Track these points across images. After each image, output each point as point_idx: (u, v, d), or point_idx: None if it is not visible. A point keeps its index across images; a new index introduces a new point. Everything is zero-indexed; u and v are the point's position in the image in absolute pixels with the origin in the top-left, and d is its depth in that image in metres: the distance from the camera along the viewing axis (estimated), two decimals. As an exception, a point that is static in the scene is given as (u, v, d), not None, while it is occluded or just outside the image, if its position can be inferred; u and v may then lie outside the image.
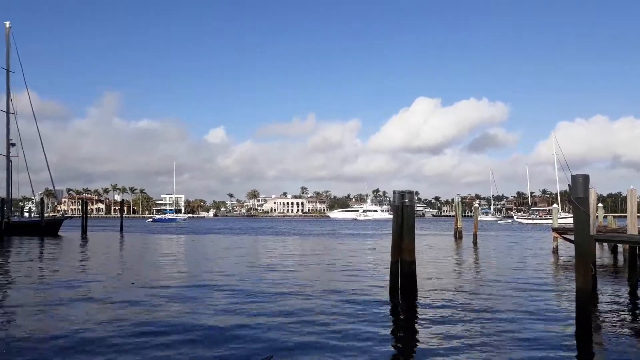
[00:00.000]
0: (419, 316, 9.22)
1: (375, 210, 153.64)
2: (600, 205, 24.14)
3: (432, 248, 27.90)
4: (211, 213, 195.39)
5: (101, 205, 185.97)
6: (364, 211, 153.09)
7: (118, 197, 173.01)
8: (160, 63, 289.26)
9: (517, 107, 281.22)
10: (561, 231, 22.65)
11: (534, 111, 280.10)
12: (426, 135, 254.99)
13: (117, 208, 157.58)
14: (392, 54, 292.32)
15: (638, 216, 16.58)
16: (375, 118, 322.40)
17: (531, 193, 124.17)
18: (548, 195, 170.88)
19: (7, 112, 42.88)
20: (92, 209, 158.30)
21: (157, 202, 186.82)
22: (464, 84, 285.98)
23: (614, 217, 32.25)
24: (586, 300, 7.20)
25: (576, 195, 6.99)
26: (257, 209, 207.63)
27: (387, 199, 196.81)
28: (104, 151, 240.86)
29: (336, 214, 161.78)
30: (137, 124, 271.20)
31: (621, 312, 9.82)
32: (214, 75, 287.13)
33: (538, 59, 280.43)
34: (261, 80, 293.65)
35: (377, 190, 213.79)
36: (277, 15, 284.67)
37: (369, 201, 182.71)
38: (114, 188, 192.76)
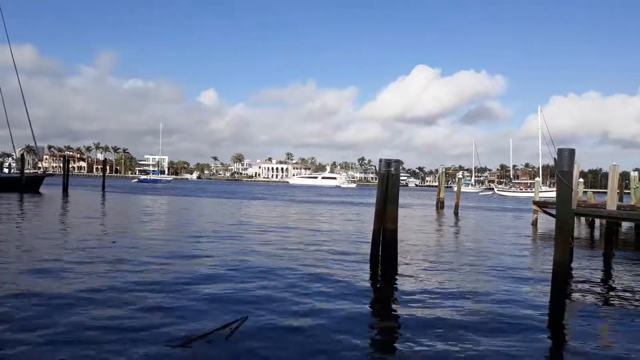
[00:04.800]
0: (398, 286, 9.33)
1: (334, 178, 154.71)
2: (580, 180, 24.46)
3: (413, 218, 28.18)
4: (194, 175, 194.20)
5: (83, 164, 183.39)
6: (322, 178, 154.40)
7: (101, 156, 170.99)
8: (159, 23, 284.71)
9: (514, 81, 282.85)
10: (542, 204, 22.97)
11: (531, 86, 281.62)
12: (423, 105, 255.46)
13: (99, 167, 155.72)
14: (396, 20, 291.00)
15: (617, 193, 16.83)
16: (373, 86, 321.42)
17: (514, 166, 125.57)
18: (530, 169, 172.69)
19: (-14, 65, 41.70)
20: (73, 167, 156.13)
21: (140, 162, 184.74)
22: (465, 55, 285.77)
23: (593, 192, 32.79)
24: (563, 272, 7.34)
25: (561, 168, 7.02)
26: (241, 173, 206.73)
27: (373, 167, 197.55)
28: (94, 110, 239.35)
29: (295, 180, 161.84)
30: (130, 83, 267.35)
31: (595, 284, 10.06)
32: (213, 37, 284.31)
33: (538, 34, 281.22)
34: (260, 44, 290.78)
35: (363, 159, 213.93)
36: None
37: (328, 168, 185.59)
38: (97, 147, 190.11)
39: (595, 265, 12.53)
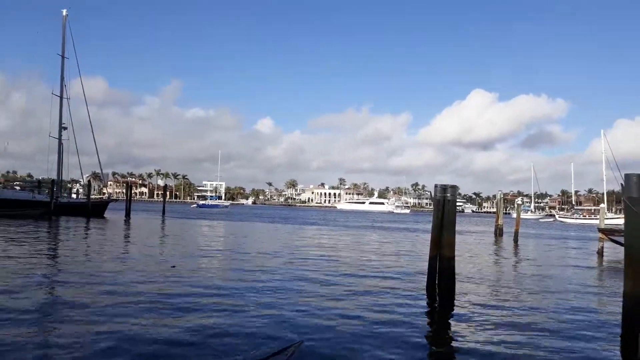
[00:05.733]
0: (455, 318, 9.07)
1: (382, 203, 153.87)
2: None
3: (471, 245, 27.46)
4: (250, 201, 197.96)
5: (144, 190, 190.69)
6: (370, 203, 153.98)
7: (161, 182, 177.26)
8: (219, 53, 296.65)
9: (576, 105, 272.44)
10: (608, 232, 21.84)
11: (594, 109, 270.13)
12: (479, 129, 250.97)
13: (159, 193, 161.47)
14: (451, 45, 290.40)
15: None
16: (428, 111, 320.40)
17: (576, 192, 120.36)
18: (594, 195, 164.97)
19: (61, 97, 44.53)
20: (135, 193, 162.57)
21: (198, 187, 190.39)
22: (524, 79, 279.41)
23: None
24: (635, 305, 6.93)
25: (629, 194, 6.70)
26: (294, 199, 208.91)
27: (427, 192, 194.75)
28: (157, 137, 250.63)
29: (343, 205, 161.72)
30: (192, 112, 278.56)
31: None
32: (270, 65, 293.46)
33: (600, 56, 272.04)
34: (318, 71, 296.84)
35: (417, 184, 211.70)
36: (333, 9, 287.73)
37: (376, 194, 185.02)
38: (158, 173, 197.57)
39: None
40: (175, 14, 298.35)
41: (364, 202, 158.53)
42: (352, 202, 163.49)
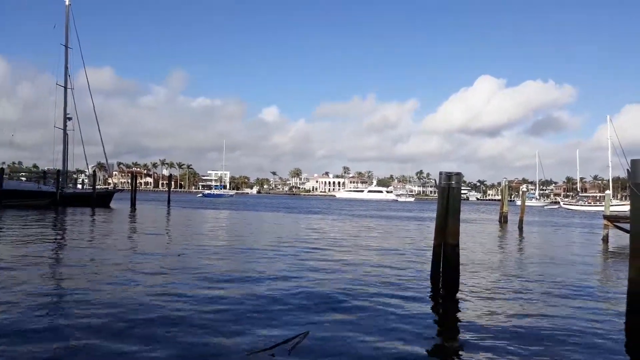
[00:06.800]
0: (460, 306, 9.09)
1: (381, 191, 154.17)
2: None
3: (475, 233, 27.44)
4: (254, 190, 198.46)
5: (150, 179, 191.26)
6: (368, 191, 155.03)
7: (166, 172, 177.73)
8: (225, 42, 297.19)
9: (584, 90, 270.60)
10: (613, 219, 21.77)
11: (602, 95, 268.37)
12: (486, 116, 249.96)
13: (164, 182, 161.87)
14: (458, 31, 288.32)
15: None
16: (435, 97, 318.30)
17: (581, 179, 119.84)
18: (600, 182, 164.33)
19: (65, 87, 44.60)
20: (140, 183, 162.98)
21: (203, 177, 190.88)
22: (531, 65, 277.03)
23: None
24: (639, 292, 6.91)
25: (635, 180, 6.66)
26: (299, 188, 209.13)
27: (432, 180, 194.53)
28: (163, 127, 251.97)
29: (342, 193, 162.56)
30: (199, 101, 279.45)
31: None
32: (276, 54, 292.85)
33: (609, 41, 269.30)
34: (323, 59, 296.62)
35: (421, 172, 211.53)
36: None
37: (374, 182, 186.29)
38: (163, 163, 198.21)
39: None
40: (181, 3, 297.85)
41: (362, 191, 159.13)
42: (351, 191, 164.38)
